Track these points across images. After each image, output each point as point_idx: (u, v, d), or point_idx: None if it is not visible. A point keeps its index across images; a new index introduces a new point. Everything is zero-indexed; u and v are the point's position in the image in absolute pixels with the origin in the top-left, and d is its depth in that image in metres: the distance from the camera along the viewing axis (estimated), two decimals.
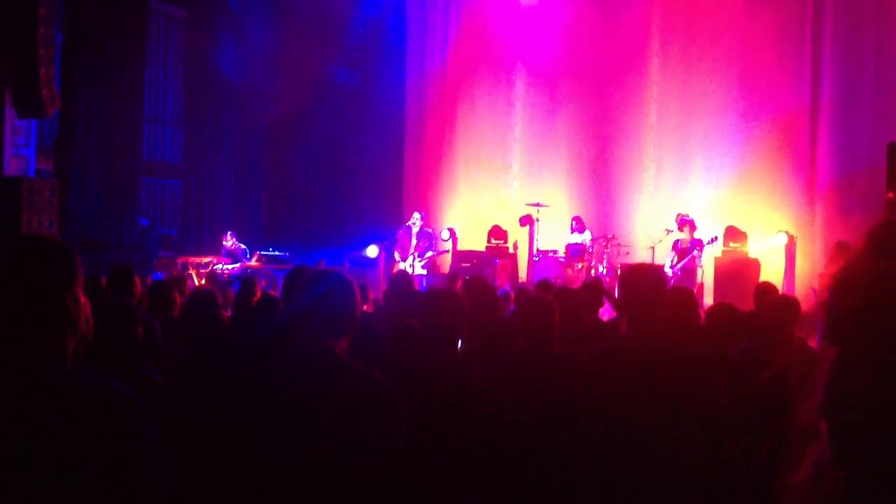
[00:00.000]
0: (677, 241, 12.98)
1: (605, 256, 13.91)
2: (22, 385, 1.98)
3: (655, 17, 15.36)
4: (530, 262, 14.75)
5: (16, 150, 13.25)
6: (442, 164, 17.34)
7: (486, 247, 15.20)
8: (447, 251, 14.98)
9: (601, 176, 15.74)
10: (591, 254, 14.00)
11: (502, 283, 13.15)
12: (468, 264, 14.46)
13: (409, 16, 17.65)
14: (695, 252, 12.63)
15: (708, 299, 12.74)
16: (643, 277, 3.74)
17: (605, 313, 7.05)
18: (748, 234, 13.24)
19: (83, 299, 2.11)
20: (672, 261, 12.77)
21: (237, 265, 14.71)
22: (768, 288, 6.89)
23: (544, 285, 7.63)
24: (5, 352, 2.01)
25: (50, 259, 2.08)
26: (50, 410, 1.98)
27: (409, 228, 14.46)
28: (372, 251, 15.20)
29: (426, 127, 17.60)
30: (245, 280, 7.31)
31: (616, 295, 3.95)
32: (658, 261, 12.71)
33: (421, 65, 17.63)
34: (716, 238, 12.78)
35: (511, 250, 15.25)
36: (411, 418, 2.89)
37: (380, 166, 17.73)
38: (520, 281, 14.19)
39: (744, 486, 3.81)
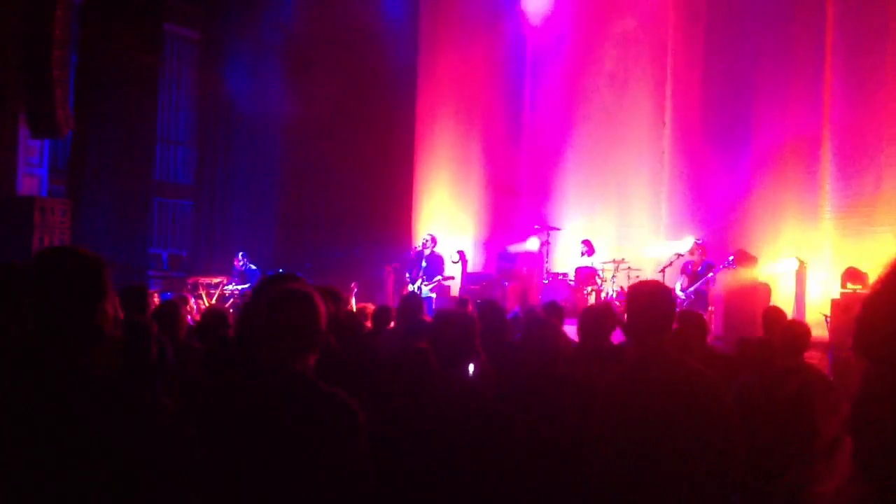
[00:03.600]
0: (688, 262, 12.96)
1: (614, 280, 13.88)
2: (50, 391, 2.02)
3: (668, 42, 15.41)
4: (540, 286, 14.73)
5: (29, 170, 13.34)
6: (452, 187, 17.37)
7: (497, 269, 15.18)
8: (452, 277, 14.84)
9: (611, 199, 15.76)
10: (601, 277, 13.96)
11: (512, 306, 13.13)
12: (478, 287, 14.43)
13: (420, 38, 17.73)
14: (709, 275, 12.62)
15: (717, 323, 12.70)
16: (649, 295, 3.72)
17: (615, 337, 7.02)
18: (758, 259, 13.20)
19: (112, 312, 2.14)
20: (682, 284, 12.75)
21: (248, 286, 14.70)
22: (777, 313, 6.85)
23: (552, 308, 7.62)
24: (35, 360, 2.04)
25: (82, 271, 2.11)
26: (77, 414, 2.01)
27: (420, 251, 14.45)
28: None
29: (437, 148, 17.63)
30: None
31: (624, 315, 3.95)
32: (668, 284, 12.67)
33: (431, 86, 17.68)
34: (731, 261, 12.76)
35: (521, 273, 15.23)
36: (425, 440, 2.87)
37: (391, 188, 17.75)
38: (531, 304, 14.16)
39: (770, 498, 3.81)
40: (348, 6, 17.18)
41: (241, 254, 15.46)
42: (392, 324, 8.02)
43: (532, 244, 15.23)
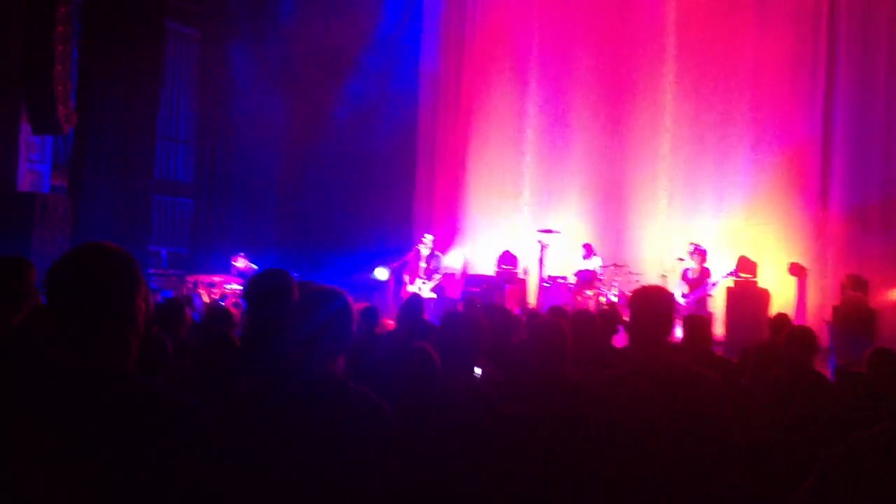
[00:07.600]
0: (686, 269, 12.95)
1: (615, 284, 13.86)
2: (95, 389, 2.01)
3: (669, 48, 15.41)
4: (540, 288, 14.70)
5: (30, 166, 13.31)
6: (453, 188, 17.35)
7: (496, 271, 15.15)
8: (452, 273, 14.76)
9: (612, 203, 15.74)
10: (601, 281, 13.95)
11: (512, 309, 13.10)
12: (478, 289, 14.41)
13: (423, 36, 17.70)
14: (708, 281, 12.60)
15: (718, 329, 12.69)
16: (651, 300, 3.72)
17: (618, 340, 7.01)
18: (759, 265, 13.20)
19: (143, 307, 2.14)
20: (682, 290, 12.73)
21: None
22: (783, 319, 6.86)
23: (557, 311, 7.59)
24: (77, 357, 2.03)
25: (121, 267, 2.11)
26: (122, 413, 2.00)
27: (419, 251, 14.40)
28: (382, 273, 15.13)
29: (438, 150, 17.62)
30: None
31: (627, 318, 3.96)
32: (669, 289, 12.63)
33: (434, 89, 17.67)
34: (732, 271, 12.75)
35: (521, 275, 15.20)
36: (432, 442, 2.85)
37: (391, 187, 17.71)
38: (530, 306, 14.13)
39: None
40: (351, 5, 17.17)
41: (241, 253, 15.37)
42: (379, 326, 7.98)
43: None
